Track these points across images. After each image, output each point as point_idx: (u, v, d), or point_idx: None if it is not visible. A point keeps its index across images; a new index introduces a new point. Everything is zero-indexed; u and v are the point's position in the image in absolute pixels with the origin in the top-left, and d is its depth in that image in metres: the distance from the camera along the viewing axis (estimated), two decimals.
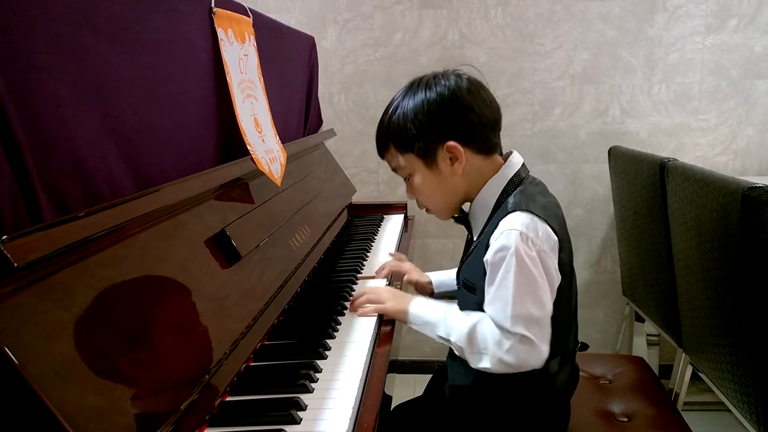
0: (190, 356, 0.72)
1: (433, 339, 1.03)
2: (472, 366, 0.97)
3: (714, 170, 1.25)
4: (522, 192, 0.97)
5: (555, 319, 0.95)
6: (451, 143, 0.98)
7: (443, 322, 1.00)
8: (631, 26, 2.13)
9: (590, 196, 2.29)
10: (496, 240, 0.92)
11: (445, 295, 1.27)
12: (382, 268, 1.32)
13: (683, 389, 1.53)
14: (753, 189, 1.06)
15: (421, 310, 1.05)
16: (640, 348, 2.03)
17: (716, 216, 1.19)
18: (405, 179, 1.06)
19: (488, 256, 0.94)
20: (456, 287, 1.25)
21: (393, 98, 1.05)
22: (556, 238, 0.93)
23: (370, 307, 1.09)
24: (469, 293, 1.02)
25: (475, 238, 1.03)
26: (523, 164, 1.03)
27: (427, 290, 1.30)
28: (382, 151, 1.08)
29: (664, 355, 2.11)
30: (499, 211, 0.97)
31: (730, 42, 2.10)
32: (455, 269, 1.27)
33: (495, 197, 1.00)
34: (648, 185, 1.57)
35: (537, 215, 0.92)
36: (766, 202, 1.05)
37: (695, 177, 1.29)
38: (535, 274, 0.90)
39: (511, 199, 0.97)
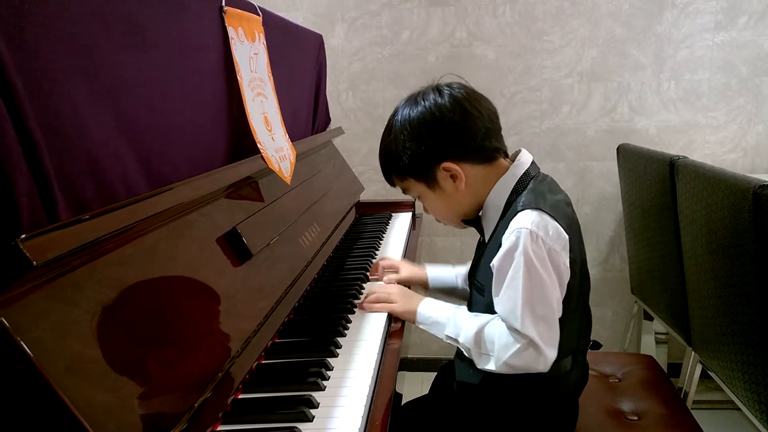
0: (203, 354, 0.72)
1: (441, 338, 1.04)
2: (478, 367, 0.98)
3: (723, 168, 1.25)
4: (532, 191, 0.97)
5: (566, 317, 0.95)
6: (446, 164, 0.98)
7: (452, 322, 1.01)
8: (639, 23, 2.12)
9: (598, 194, 2.28)
10: (506, 239, 0.92)
11: (440, 291, 1.28)
12: (374, 268, 1.32)
13: (693, 388, 1.52)
14: (764, 187, 1.06)
15: (430, 310, 1.06)
16: (648, 346, 2.03)
17: (726, 214, 1.19)
18: (416, 199, 1.08)
19: (497, 255, 0.93)
20: (452, 285, 1.26)
21: (385, 127, 1.05)
22: (566, 236, 0.93)
23: (378, 305, 1.10)
24: (479, 295, 1.02)
25: (486, 240, 1.03)
26: (533, 162, 1.03)
27: (422, 284, 1.29)
28: (388, 180, 1.09)
29: (673, 353, 2.10)
30: (509, 211, 0.97)
31: (740, 39, 2.09)
32: (453, 266, 1.28)
33: (505, 198, 0.99)
34: (657, 183, 1.57)
35: (547, 213, 0.92)
36: None
37: (705, 175, 1.28)
38: (543, 274, 0.90)
39: (521, 199, 0.96)
